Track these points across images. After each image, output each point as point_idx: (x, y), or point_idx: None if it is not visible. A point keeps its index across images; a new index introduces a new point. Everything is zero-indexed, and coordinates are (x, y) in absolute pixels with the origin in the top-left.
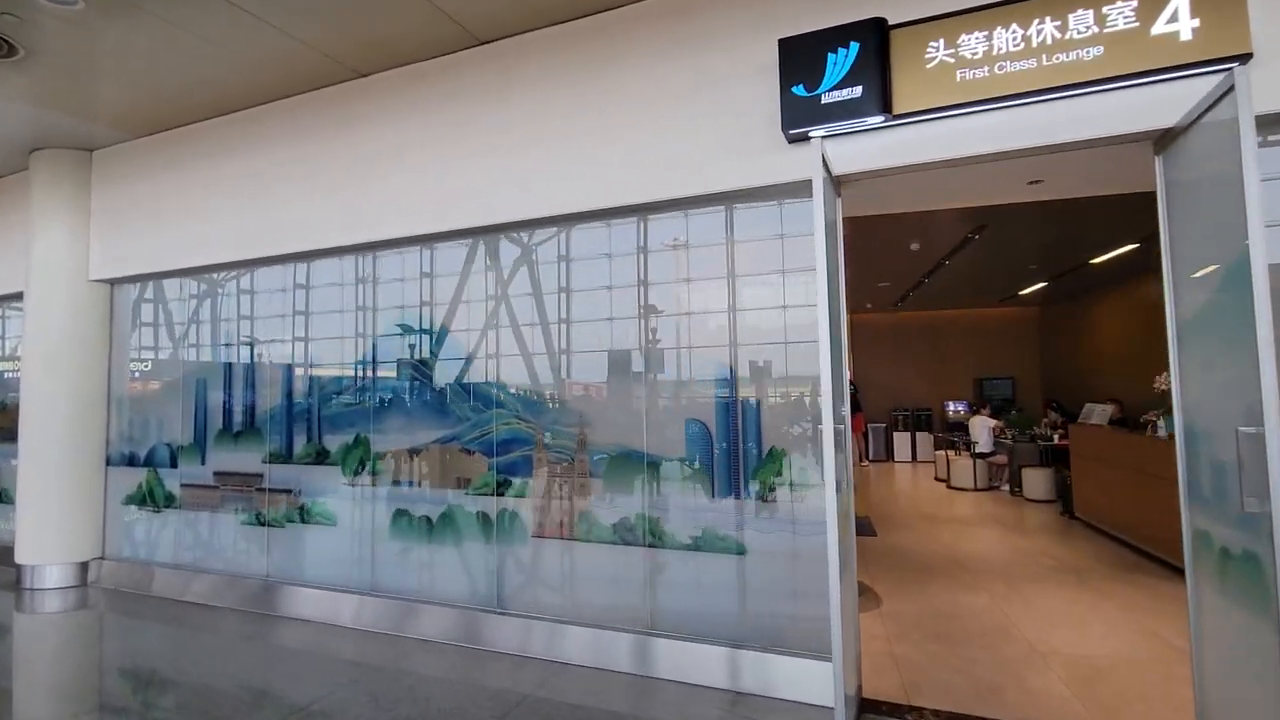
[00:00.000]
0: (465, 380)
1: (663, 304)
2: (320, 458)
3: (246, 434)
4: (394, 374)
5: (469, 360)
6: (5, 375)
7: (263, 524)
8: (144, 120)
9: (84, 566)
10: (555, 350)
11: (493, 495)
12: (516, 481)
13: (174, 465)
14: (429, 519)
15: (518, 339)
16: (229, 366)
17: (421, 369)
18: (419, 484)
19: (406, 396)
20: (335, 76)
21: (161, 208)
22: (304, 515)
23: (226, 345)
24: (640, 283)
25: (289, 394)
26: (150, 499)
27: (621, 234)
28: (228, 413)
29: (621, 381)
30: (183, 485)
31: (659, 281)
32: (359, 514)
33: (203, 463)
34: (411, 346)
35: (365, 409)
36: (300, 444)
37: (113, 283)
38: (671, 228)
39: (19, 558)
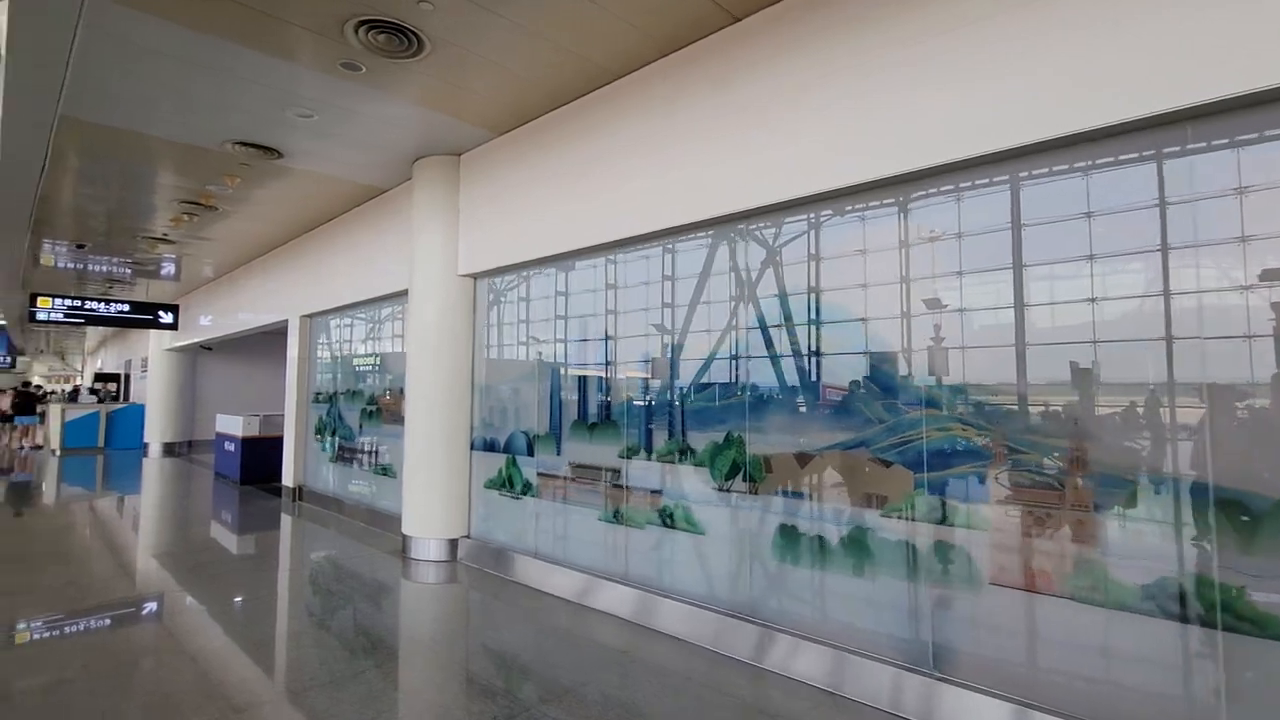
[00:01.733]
0: (878, 373)
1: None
2: (684, 456)
3: (602, 426)
4: (773, 366)
5: (884, 351)
6: (358, 368)
7: (621, 522)
8: (505, 115)
9: (453, 543)
10: (1024, 338)
11: (923, 520)
12: (961, 506)
13: (530, 453)
14: (824, 540)
15: (918, 322)
16: (583, 355)
17: (813, 359)
18: (810, 496)
19: (794, 391)
20: (707, 25)
21: (514, 202)
22: (666, 518)
23: (581, 336)
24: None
25: (647, 385)
26: (509, 485)
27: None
28: (582, 403)
29: (1159, 379)
30: (539, 474)
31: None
32: (732, 524)
33: (558, 453)
34: (799, 333)
35: (739, 404)
36: (661, 440)
37: (475, 277)
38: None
39: (405, 529)
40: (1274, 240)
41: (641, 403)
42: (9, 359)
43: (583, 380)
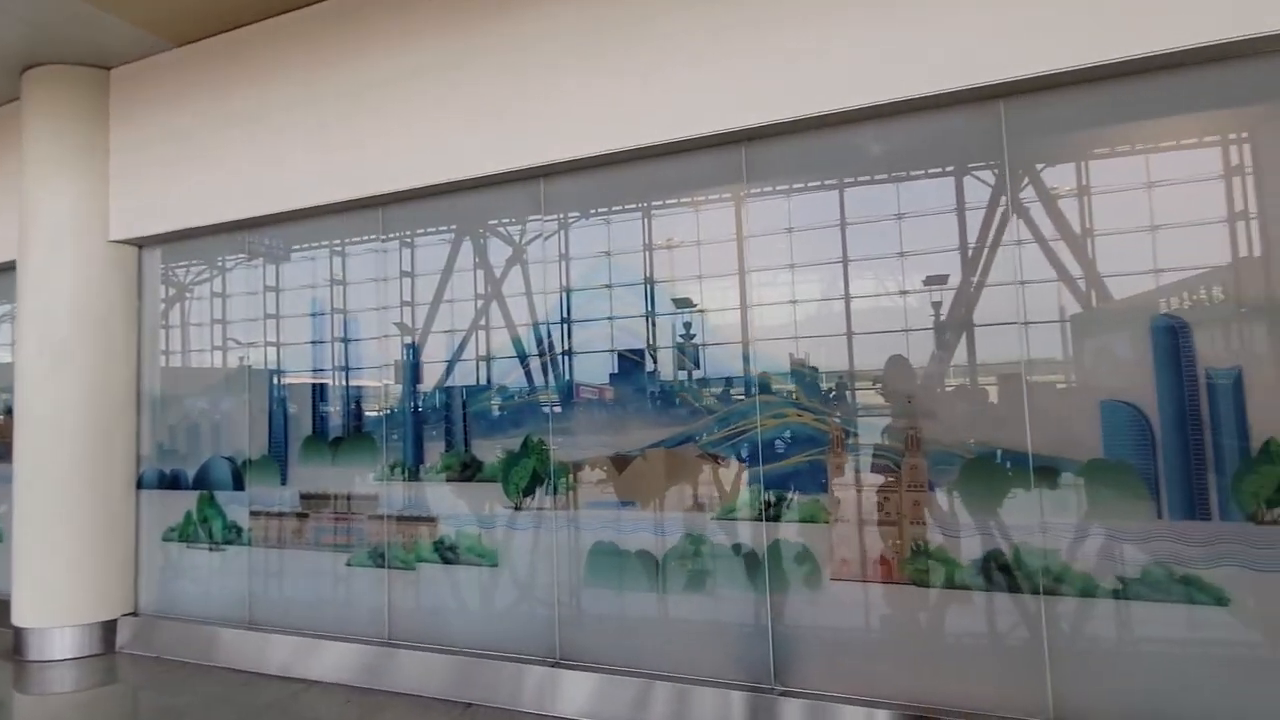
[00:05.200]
0: (702, 358)
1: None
2: (468, 472)
3: (350, 442)
4: (581, 355)
5: (702, 331)
6: None
7: (380, 565)
8: (184, 16)
9: (110, 627)
10: (850, 312)
11: (758, 519)
12: (798, 499)
13: (239, 487)
14: (652, 556)
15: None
16: (318, 353)
17: (633, 352)
18: (631, 505)
19: (604, 385)
20: None
21: (207, 142)
22: (444, 552)
23: (315, 328)
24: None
25: (415, 387)
26: (205, 533)
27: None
28: (319, 414)
29: (987, 353)
30: (253, 513)
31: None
32: (534, 549)
33: (283, 482)
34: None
35: (537, 404)
36: (435, 454)
37: (140, 244)
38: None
39: (16, 619)
40: None
41: (406, 409)
42: None
43: (319, 384)
